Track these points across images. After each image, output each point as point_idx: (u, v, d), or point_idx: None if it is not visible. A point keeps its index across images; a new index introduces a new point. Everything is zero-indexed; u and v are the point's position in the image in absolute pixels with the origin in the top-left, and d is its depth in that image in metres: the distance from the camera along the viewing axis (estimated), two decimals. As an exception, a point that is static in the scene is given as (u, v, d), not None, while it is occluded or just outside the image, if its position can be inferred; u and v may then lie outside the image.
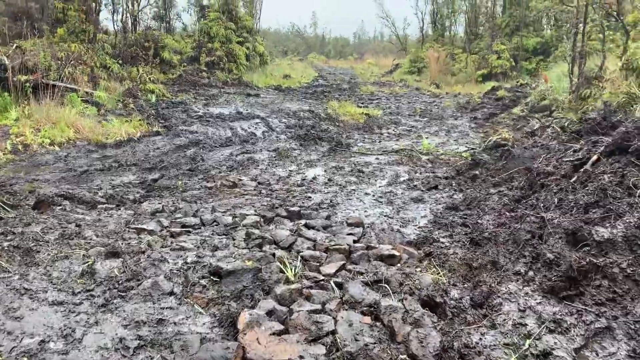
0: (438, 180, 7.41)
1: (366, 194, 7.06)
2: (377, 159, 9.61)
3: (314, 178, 8.08)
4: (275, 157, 9.80)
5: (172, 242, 4.80)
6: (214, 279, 4.07)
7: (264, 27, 55.07)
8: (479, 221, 5.21)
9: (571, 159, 4.90)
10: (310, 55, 58.37)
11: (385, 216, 5.95)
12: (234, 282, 4.02)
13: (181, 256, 4.44)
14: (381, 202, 6.61)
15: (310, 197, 6.89)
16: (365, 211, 6.20)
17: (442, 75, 32.55)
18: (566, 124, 7.04)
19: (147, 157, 9.32)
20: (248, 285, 3.94)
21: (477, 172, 7.13)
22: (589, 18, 12.16)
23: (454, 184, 7.15)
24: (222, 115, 13.99)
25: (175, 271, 4.11)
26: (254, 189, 7.41)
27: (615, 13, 11.02)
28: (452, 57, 36.07)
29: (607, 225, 3.36)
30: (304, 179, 8.01)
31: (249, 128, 12.66)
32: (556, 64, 22.39)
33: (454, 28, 44.65)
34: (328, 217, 5.89)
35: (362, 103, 19.36)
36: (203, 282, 3.98)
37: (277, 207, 6.32)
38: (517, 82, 22.69)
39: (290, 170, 8.67)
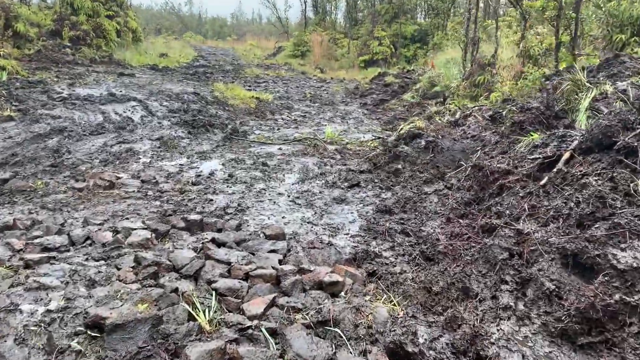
0: (356, 176, 6.53)
1: (279, 193, 5.97)
2: (279, 149, 8.55)
3: (212, 174, 6.83)
4: (159, 147, 8.34)
5: (27, 278, 3.41)
6: (93, 334, 2.86)
7: (135, 3, 51.09)
8: (423, 228, 4.42)
9: (536, 156, 4.26)
10: (186, 34, 55.17)
11: (308, 223, 4.94)
12: (124, 339, 2.83)
13: (41, 299, 3.16)
14: (299, 204, 5.57)
15: (211, 199, 5.66)
16: (283, 217, 5.14)
17: (325, 60, 32.25)
18: (504, 113, 6.51)
19: (-7, 149, 7.41)
20: (145, 345, 2.77)
21: (399, 167, 6.36)
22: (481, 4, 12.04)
23: (376, 180, 6.31)
24: (91, 98, 11.99)
25: (33, 327, 2.85)
26: (138, 190, 6.01)
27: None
28: (334, 42, 35.88)
29: (624, 246, 2.66)
30: (200, 176, 6.73)
31: (124, 112, 10.93)
32: (440, 51, 22.79)
33: (335, 13, 44.73)
34: (239, 227, 4.76)
35: (250, 86, 18.15)
36: (76, 343, 2.78)
37: (170, 215, 5.06)
38: (403, 68, 22.77)
39: (180, 165, 7.31)
